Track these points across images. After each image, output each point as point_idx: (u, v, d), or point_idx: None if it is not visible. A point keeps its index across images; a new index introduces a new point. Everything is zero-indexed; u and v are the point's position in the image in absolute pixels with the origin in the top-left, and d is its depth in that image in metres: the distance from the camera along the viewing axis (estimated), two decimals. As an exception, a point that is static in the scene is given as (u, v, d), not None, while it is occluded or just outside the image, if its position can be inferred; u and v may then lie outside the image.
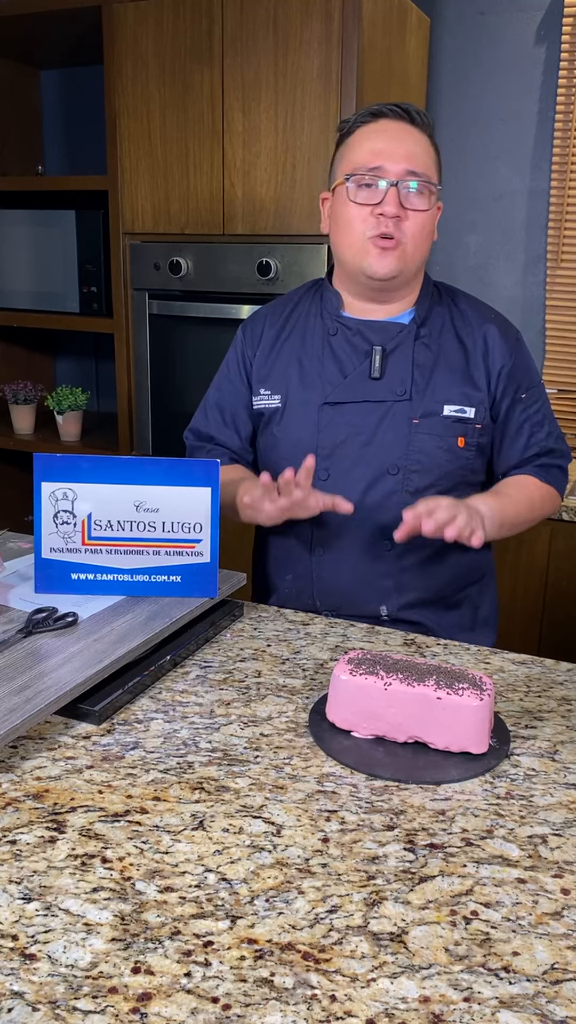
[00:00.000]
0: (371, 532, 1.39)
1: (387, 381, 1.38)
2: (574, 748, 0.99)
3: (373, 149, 1.32)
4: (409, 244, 1.33)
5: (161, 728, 1.01)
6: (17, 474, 3.15)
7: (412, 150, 1.31)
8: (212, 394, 1.55)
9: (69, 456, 1.20)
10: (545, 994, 0.66)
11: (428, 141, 1.35)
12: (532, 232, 2.63)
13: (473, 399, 1.38)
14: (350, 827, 0.85)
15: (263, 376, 1.47)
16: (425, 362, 1.39)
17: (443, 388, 1.38)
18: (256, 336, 1.50)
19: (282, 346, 1.47)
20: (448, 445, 1.37)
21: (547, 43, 2.51)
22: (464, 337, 1.41)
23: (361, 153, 1.33)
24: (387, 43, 2.30)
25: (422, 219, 1.33)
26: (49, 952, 0.69)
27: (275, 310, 1.52)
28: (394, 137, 1.32)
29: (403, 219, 1.32)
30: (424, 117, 1.35)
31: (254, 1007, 0.64)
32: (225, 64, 2.29)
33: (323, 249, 2.24)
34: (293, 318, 1.48)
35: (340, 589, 1.42)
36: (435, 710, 0.95)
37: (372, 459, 1.38)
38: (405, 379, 1.37)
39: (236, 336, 1.54)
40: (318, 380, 1.41)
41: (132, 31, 2.39)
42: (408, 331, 1.39)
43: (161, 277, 2.48)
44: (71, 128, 3.18)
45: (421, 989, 0.66)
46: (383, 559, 1.40)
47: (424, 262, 1.40)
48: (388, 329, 1.39)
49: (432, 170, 1.34)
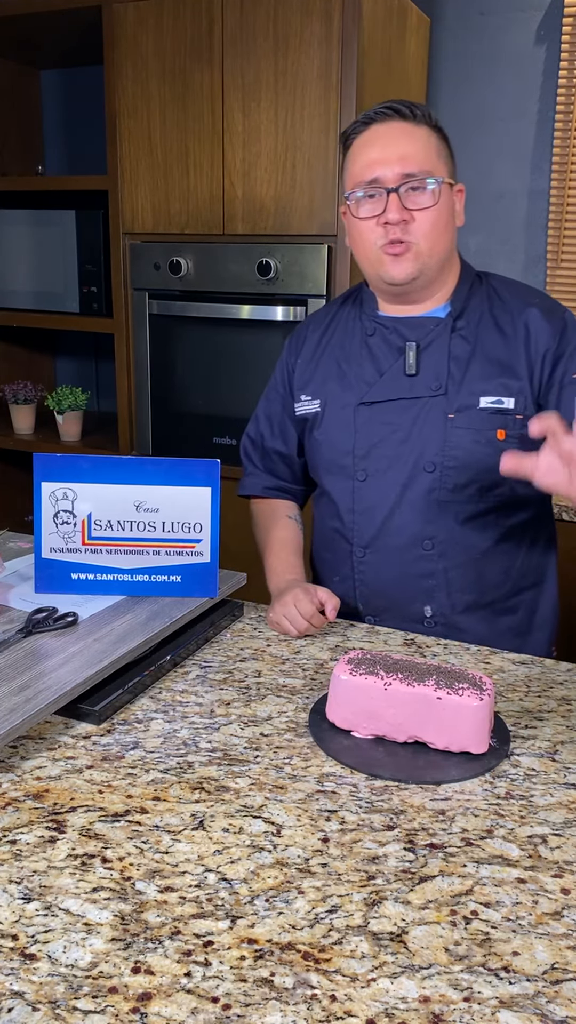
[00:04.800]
0: (411, 532, 1.37)
1: (422, 377, 1.35)
2: (574, 748, 0.99)
3: (367, 160, 1.30)
4: (422, 243, 1.30)
5: (161, 728, 1.01)
6: (17, 474, 3.15)
7: (405, 151, 1.29)
8: (262, 403, 1.57)
9: (69, 456, 1.20)
10: (545, 994, 0.66)
11: (426, 132, 1.31)
12: (532, 232, 2.63)
13: (512, 388, 1.33)
14: (350, 827, 0.85)
15: (304, 382, 1.47)
16: (461, 355, 1.35)
17: (479, 380, 1.34)
18: (299, 344, 1.51)
19: (323, 351, 1.46)
20: (487, 439, 1.32)
21: (547, 43, 2.51)
22: (503, 325, 1.36)
23: (357, 167, 1.32)
24: (387, 43, 2.30)
25: (431, 215, 1.30)
26: (49, 952, 0.69)
27: (318, 317, 1.52)
28: (386, 142, 1.30)
29: (410, 221, 1.29)
30: (417, 109, 1.31)
31: (254, 1007, 0.64)
32: (225, 64, 2.29)
33: (323, 249, 2.24)
34: (335, 323, 1.48)
35: (382, 590, 1.40)
36: (435, 710, 0.95)
37: (408, 457, 1.35)
38: (440, 374, 1.34)
39: (284, 348, 1.56)
40: (356, 381, 1.40)
41: (132, 31, 2.39)
42: (444, 325, 1.36)
43: (161, 277, 2.48)
44: (71, 128, 3.18)
45: (421, 989, 0.66)
46: (425, 559, 1.37)
47: (448, 254, 1.36)
48: (424, 324, 1.37)
49: (433, 162, 1.30)
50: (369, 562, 1.40)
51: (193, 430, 2.55)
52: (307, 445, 1.49)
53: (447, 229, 1.33)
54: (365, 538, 1.39)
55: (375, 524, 1.38)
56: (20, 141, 3.12)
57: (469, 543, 1.35)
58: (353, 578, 1.42)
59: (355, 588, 1.42)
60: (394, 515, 1.36)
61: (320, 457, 1.44)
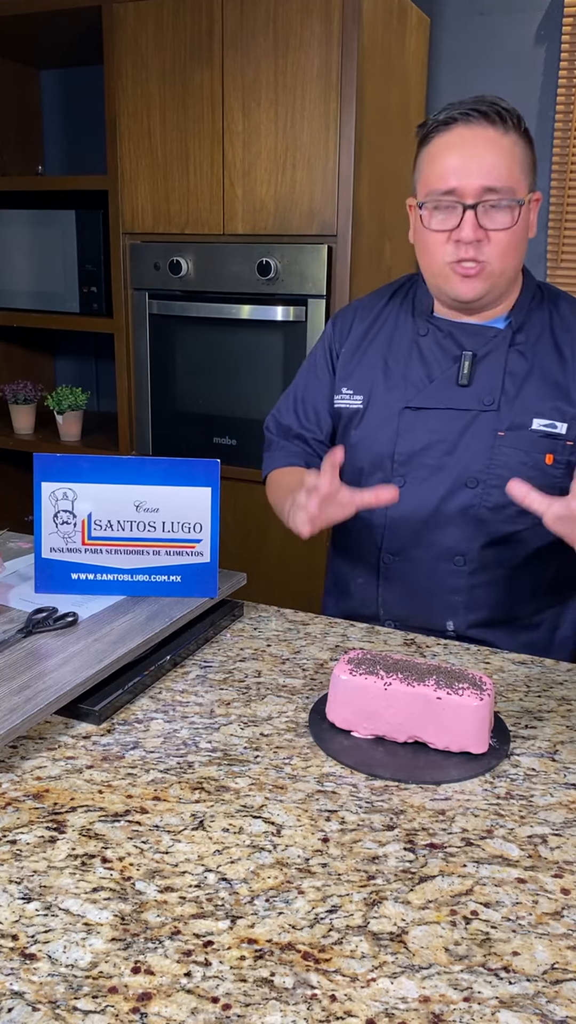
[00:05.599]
0: (444, 546, 1.33)
1: (475, 389, 1.30)
2: (574, 748, 0.99)
3: (446, 168, 1.21)
4: (495, 264, 1.24)
5: (161, 728, 1.01)
6: (17, 474, 3.15)
7: (490, 163, 1.20)
8: (298, 386, 1.49)
9: (69, 456, 1.20)
10: (545, 994, 0.66)
11: (513, 141, 1.22)
12: (532, 232, 2.63)
13: (567, 414, 1.29)
14: (350, 827, 0.85)
15: (347, 374, 1.40)
16: (518, 371, 1.30)
17: (534, 400, 1.29)
18: (345, 330, 1.44)
19: (369, 344, 1.40)
20: (534, 462, 1.28)
21: (547, 43, 2.51)
22: (563, 345, 1.31)
23: (433, 174, 1.23)
24: (387, 43, 2.30)
25: (505, 237, 1.23)
26: (49, 952, 0.69)
27: (366, 305, 1.45)
28: (469, 151, 1.20)
29: (484, 241, 1.22)
30: (508, 113, 1.21)
31: (254, 1007, 0.64)
32: (225, 64, 2.29)
33: (323, 249, 2.24)
34: (384, 315, 1.41)
35: (406, 600, 1.37)
36: (435, 710, 0.95)
37: (452, 469, 1.31)
38: (494, 388, 1.29)
39: (325, 329, 1.48)
40: (402, 382, 1.34)
41: (132, 31, 2.39)
42: (503, 337, 1.31)
43: (161, 277, 2.48)
44: (71, 128, 3.18)
45: (421, 989, 0.66)
46: (455, 574, 1.33)
47: (518, 270, 1.31)
48: (482, 334, 1.31)
49: (517, 178, 1.22)
50: (396, 570, 1.37)
51: (193, 430, 2.55)
52: (340, 442, 1.42)
53: (520, 247, 1.27)
54: (395, 546, 1.36)
55: (408, 533, 1.34)
56: (20, 141, 3.12)
57: (500, 561, 1.32)
58: (377, 583, 1.39)
59: (378, 593, 1.39)
60: (429, 526, 1.33)
61: (356, 457, 1.38)
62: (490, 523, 1.31)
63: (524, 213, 1.25)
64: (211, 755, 0.96)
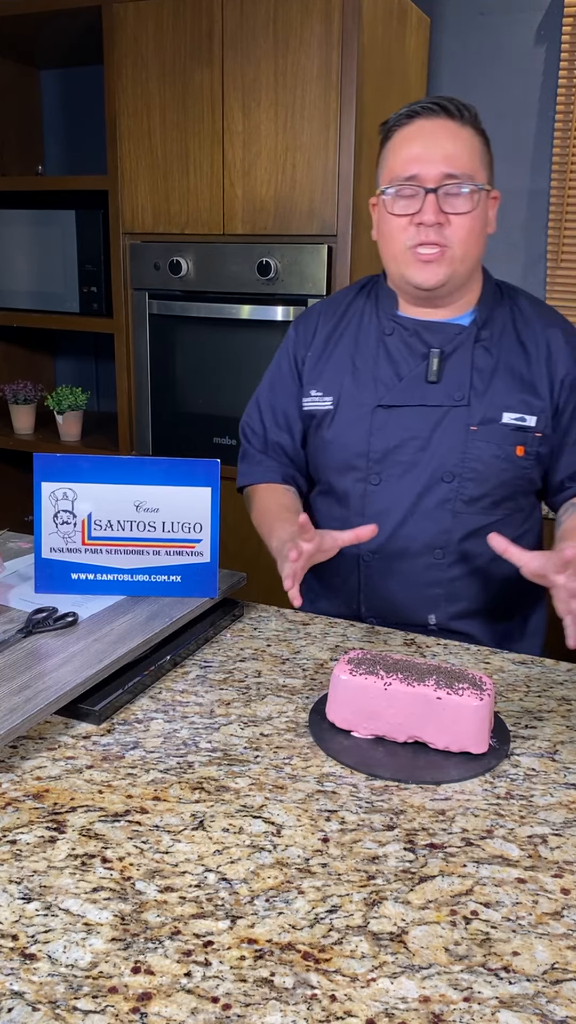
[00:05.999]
0: (423, 541, 1.35)
1: (444, 385, 1.33)
2: (574, 748, 0.99)
3: (408, 155, 1.26)
4: (457, 249, 1.28)
5: (161, 728, 1.01)
6: (17, 474, 3.15)
7: (450, 151, 1.25)
8: (265, 393, 1.51)
9: (69, 456, 1.20)
10: (545, 994, 0.66)
11: (471, 134, 1.28)
12: (532, 232, 2.63)
13: (534, 407, 1.33)
14: (350, 827, 0.85)
15: (315, 376, 1.42)
16: (485, 367, 1.33)
17: (503, 394, 1.33)
18: (309, 335, 1.46)
19: (335, 345, 1.42)
20: (506, 454, 1.32)
21: (547, 43, 2.51)
22: (526, 341, 1.35)
23: (397, 161, 1.28)
24: (387, 43, 2.30)
25: (467, 221, 1.27)
26: (49, 952, 0.69)
27: (329, 307, 1.47)
28: (430, 139, 1.26)
29: (445, 225, 1.26)
30: (465, 109, 1.27)
31: (254, 1007, 0.64)
32: (225, 64, 2.29)
33: (323, 249, 2.24)
34: (347, 316, 1.43)
35: (388, 596, 1.39)
36: (435, 710, 0.95)
37: (426, 465, 1.33)
38: (463, 384, 1.32)
39: (288, 335, 1.50)
40: (372, 381, 1.36)
41: (132, 31, 2.39)
42: (468, 333, 1.34)
43: (161, 277, 2.48)
44: (71, 128, 3.18)
45: (421, 989, 0.66)
46: (434, 567, 1.36)
47: (478, 262, 1.34)
48: (446, 330, 1.34)
49: (476, 166, 1.27)
50: (377, 568, 1.38)
51: (193, 430, 2.55)
52: (313, 442, 1.45)
53: (480, 236, 1.31)
54: (375, 543, 1.37)
55: (386, 530, 1.36)
56: (20, 141, 3.12)
57: (478, 552, 1.34)
58: (359, 582, 1.40)
59: (359, 592, 1.41)
60: (407, 522, 1.35)
61: (330, 456, 1.41)
62: (466, 516, 1.34)
63: (483, 202, 1.30)
64: (211, 755, 0.96)
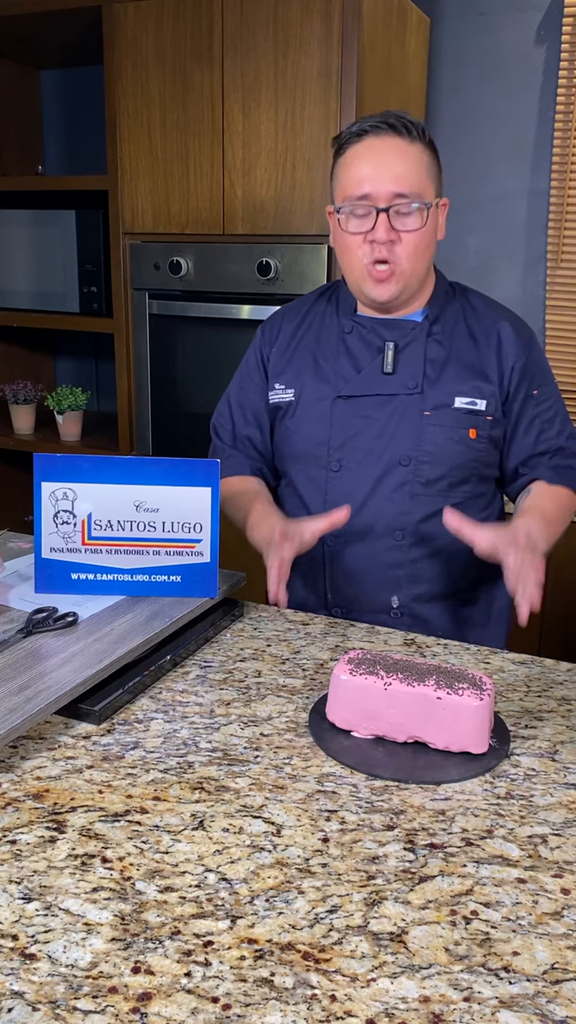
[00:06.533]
0: (383, 523, 1.41)
1: (399, 376, 1.40)
2: (574, 748, 0.99)
3: (359, 175, 1.31)
4: (405, 264, 1.34)
5: (161, 728, 1.01)
6: (17, 474, 3.15)
7: (399, 170, 1.30)
8: (234, 391, 1.59)
9: (69, 456, 1.20)
10: (545, 994, 0.66)
11: (420, 150, 1.33)
12: (532, 232, 2.63)
13: (484, 391, 1.40)
14: (350, 827, 0.85)
15: (279, 371, 1.50)
16: (437, 357, 1.41)
17: (454, 381, 1.40)
18: (274, 333, 1.54)
19: (299, 343, 1.50)
20: (459, 436, 1.39)
21: (547, 43, 2.51)
22: (476, 333, 1.43)
23: (349, 181, 1.33)
24: (387, 43, 2.30)
25: (415, 238, 1.33)
26: (49, 952, 0.69)
27: (292, 309, 1.55)
28: (380, 159, 1.31)
29: (396, 242, 1.32)
30: (413, 126, 1.32)
31: (254, 1007, 0.64)
32: (225, 64, 2.29)
33: (323, 249, 2.24)
34: (310, 317, 1.51)
35: (352, 579, 1.44)
36: (435, 710, 0.95)
37: (384, 451, 1.40)
38: (416, 374, 1.40)
39: (256, 335, 1.58)
40: (332, 375, 1.44)
41: (132, 31, 2.39)
42: (421, 328, 1.41)
43: (161, 277, 2.48)
44: (71, 128, 3.18)
45: (421, 989, 0.66)
46: (395, 549, 1.42)
47: (428, 268, 1.41)
48: (401, 326, 1.42)
49: (424, 183, 1.33)
50: (340, 552, 1.44)
51: (193, 430, 2.55)
52: (277, 433, 1.52)
53: (429, 248, 1.38)
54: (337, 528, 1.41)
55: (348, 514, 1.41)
56: (20, 141, 3.12)
57: (437, 534, 1.38)
58: (323, 568, 1.46)
59: (325, 578, 1.46)
60: (367, 505, 1.40)
61: (292, 446, 1.47)
62: (423, 497, 1.40)
63: (432, 216, 1.35)
64: (211, 755, 0.96)
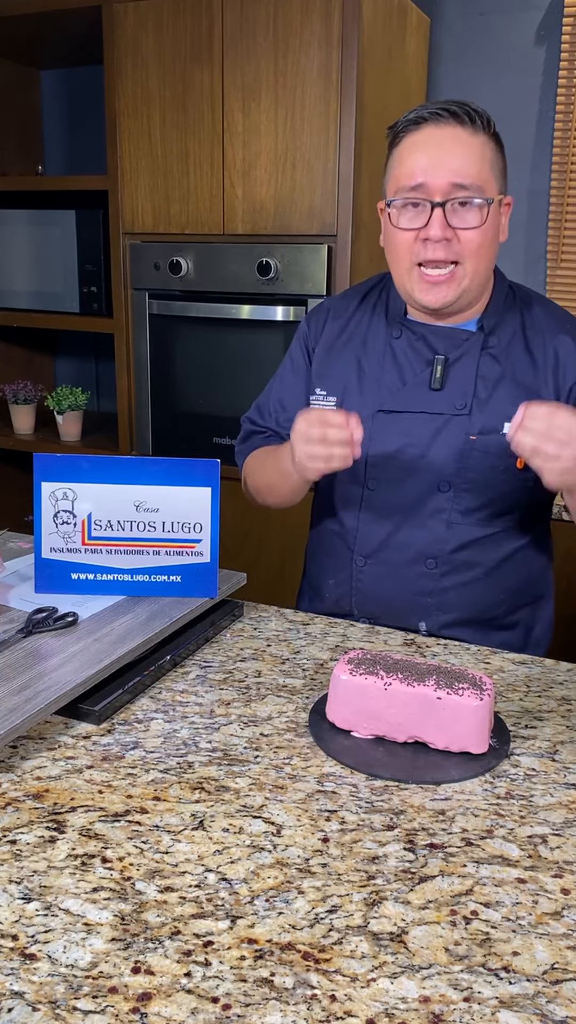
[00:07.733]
0: (415, 549, 1.33)
1: (447, 393, 1.30)
2: (574, 748, 0.99)
3: (415, 165, 1.21)
4: (467, 264, 1.23)
5: (161, 728, 1.01)
6: (17, 474, 3.15)
7: (458, 162, 1.19)
8: (275, 387, 1.49)
9: (69, 456, 1.20)
10: (545, 994, 0.66)
11: (483, 141, 1.21)
12: (532, 232, 2.63)
13: None
14: (350, 827, 0.85)
15: (322, 374, 1.41)
16: (490, 375, 1.30)
17: (506, 404, 1.28)
18: (319, 328, 1.43)
19: (344, 346, 1.40)
20: (505, 466, 1.28)
21: (547, 43, 2.51)
22: (534, 349, 1.31)
23: (402, 171, 1.22)
24: (387, 43, 2.30)
25: (477, 236, 1.22)
26: (49, 952, 0.69)
27: (338, 305, 1.44)
28: (438, 148, 1.20)
29: (452, 241, 1.21)
30: (477, 115, 1.21)
31: (254, 1007, 0.64)
32: (225, 64, 2.29)
33: (323, 249, 2.24)
34: (357, 317, 1.41)
35: (380, 601, 1.37)
36: (435, 710, 0.95)
37: (423, 473, 1.31)
38: (466, 392, 1.29)
39: (299, 328, 1.48)
40: (376, 385, 1.34)
41: (132, 31, 2.39)
42: (475, 340, 1.31)
43: (161, 277, 2.48)
44: (71, 128, 3.18)
45: (421, 989, 0.66)
46: (425, 577, 1.34)
47: (489, 273, 1.30)
48: (454, 336, 1.31)
49: (486, 177, 1.22)
50: (368, 573, 1.38)
51: (193, 430, 2.55)
52: None
53: (492, 248, 1.26)
54: (367, 548, 1.37)
55: (380, 536, 1.35)
56: (20, 141, 3.12)
57: (472, 563, 1.33)
58: (351, 584, 1.40)
59: (351, 595, 1.41)
60: (401, 530, 1.33)
61: None
62: (461, 527, 1.32)
63: (494, 213, 1.24)
64: (211, 755, 0.96)
